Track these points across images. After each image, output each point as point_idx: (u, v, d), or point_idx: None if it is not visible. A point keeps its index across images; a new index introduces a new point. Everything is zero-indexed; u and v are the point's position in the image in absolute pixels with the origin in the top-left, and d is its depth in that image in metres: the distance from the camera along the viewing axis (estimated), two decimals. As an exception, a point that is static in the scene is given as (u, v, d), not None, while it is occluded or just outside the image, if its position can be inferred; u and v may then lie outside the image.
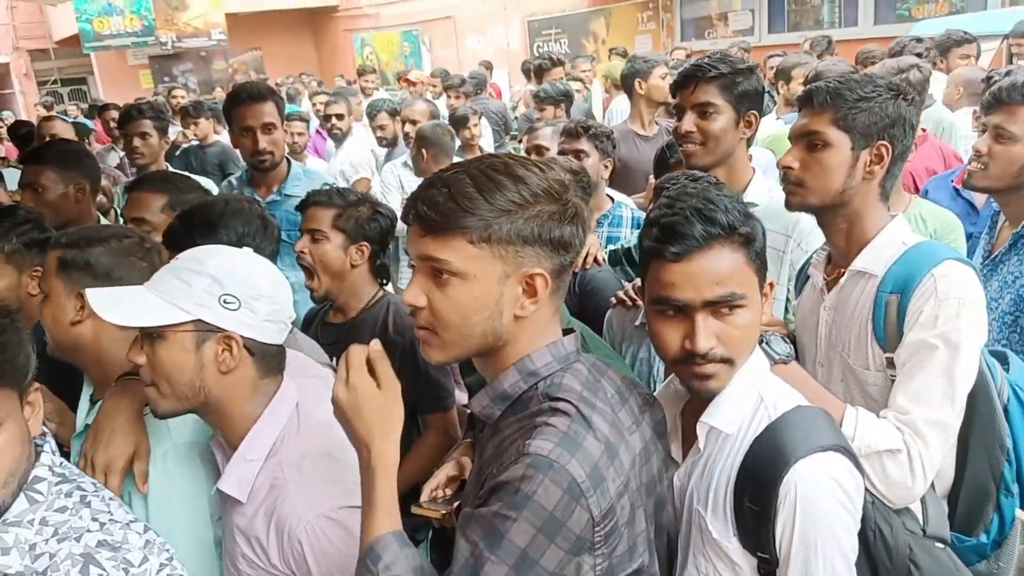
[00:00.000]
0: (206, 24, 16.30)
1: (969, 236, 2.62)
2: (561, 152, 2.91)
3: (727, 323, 1.26)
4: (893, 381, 1.53)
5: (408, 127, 4.86)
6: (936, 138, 3.64)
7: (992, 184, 2.24)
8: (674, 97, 2.21)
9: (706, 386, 1.29)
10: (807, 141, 1.62)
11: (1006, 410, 1.63)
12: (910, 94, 1.65)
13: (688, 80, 2.15)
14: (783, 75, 4.69)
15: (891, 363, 1.53)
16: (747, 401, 1.30)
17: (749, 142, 2.22)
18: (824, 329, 1.66)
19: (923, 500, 1.49)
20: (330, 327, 2.38)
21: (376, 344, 1.21)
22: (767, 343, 1.50)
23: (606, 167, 2.97)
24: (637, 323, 2.12)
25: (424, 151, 4.21)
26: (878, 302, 1.54)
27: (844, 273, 1.62)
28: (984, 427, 1.60)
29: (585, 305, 2.43)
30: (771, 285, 1.35)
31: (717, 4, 11.66)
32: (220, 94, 9.70)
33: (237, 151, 3.61)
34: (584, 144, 2.91)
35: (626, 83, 4.30)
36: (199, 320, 1.34)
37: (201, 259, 1.39)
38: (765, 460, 1.23)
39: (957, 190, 2.96)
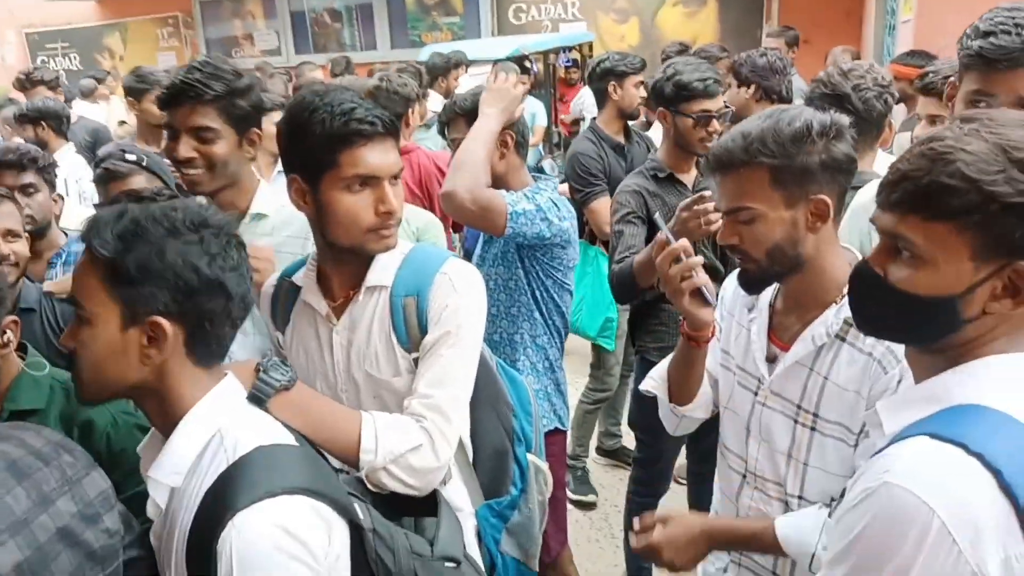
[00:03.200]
0: None
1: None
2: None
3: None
4: None
5: None
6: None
7: None
8: (163, 111, 2.00)
9: None
10: None
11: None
12: None
13: (180, 99, 1.94)
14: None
15: (417, 363, 1.56)
16: (199, 445, 1.18)
17: (254, 158, 2.14)
18: (341, 353, 1.61)
19: (438, 521, 1.46)
20: None
21: None
22: (264, 371, 1.38)
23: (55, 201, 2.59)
24: None
25: None
26: (395, 307, 1.56)
27: (353, 294, 1.60)
28: (488, 390, 1.73)
29: None
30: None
31: (241, 24, 11.50)
32: None
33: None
34: (31, 177, 2.54)
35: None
36: None
37: None
38: (207, 516, 1.10)
39: None
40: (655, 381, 1.80)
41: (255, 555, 1.05)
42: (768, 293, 1.61)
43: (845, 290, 1.46)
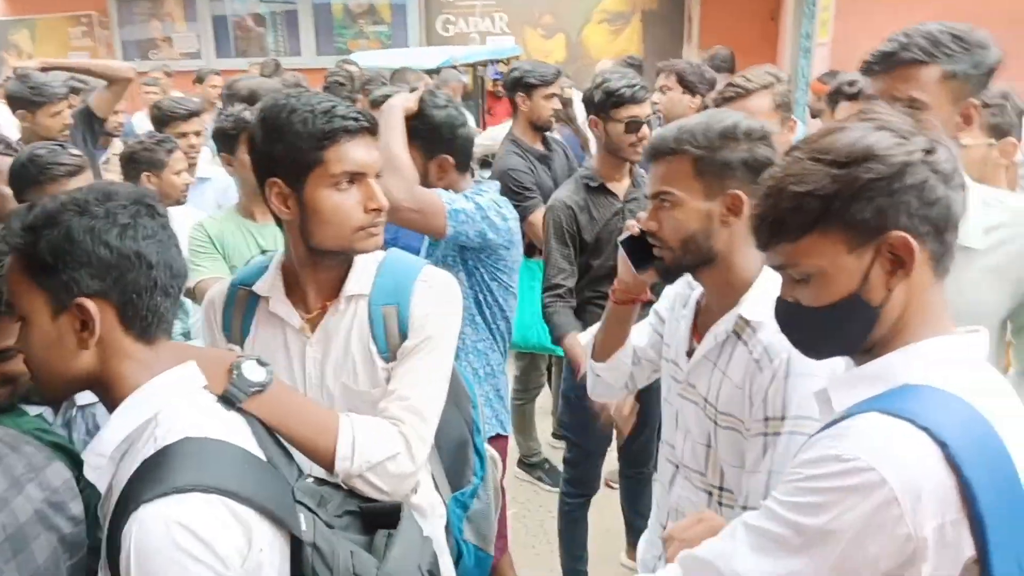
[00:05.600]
0: None
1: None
2: None
3: None
4: None
5: None
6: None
7: None
8: None
9: None
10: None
11: None
12: None
13: None
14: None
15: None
16: (128, 427, 1.14)
17: None
18: (314, 367, 1.57)
19: (392, 540, 1.33)
20: None
21: None
22: (237, 373, 1.29)
23: None
24: None
25: None
26: (374, 317, 1.53)
27: (330, 304, 1.56)
28: (453, 385, 1.71)
29: None
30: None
31: (160, 26, 11.18)
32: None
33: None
34: None
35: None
36: None
37: None
38: (122, 505, 1.07)
39: None
40: (588, 336, 1.96)
41: (152, 551, 1.01)
42: (700, 290, 1.70)
43: (750, 290, 1.56)
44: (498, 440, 2.52)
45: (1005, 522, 0.95)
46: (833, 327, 1.09)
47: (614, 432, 3.02)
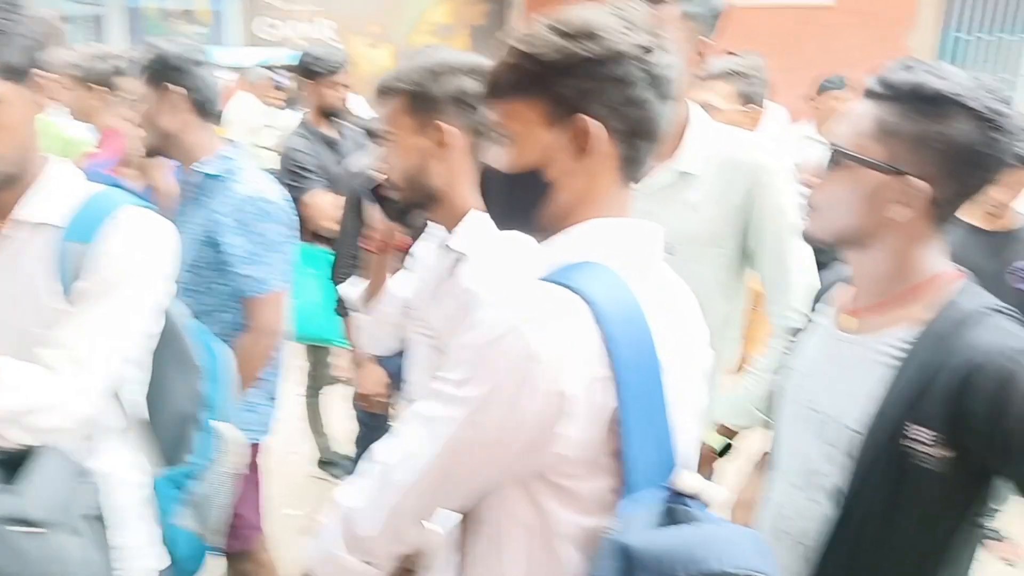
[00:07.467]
0: None
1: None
2: None
3: None
4: None
5: None
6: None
7: None
8: None
9: None
10: None
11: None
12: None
13: None
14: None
15: None
16: None
17: None
18: None
19: (26, 475, 1.25)
20: None
21: None
22: None
23: None
24: None
25: None
26: (63, 253, 1.38)
27: (4, 225, 1.39)
28: (176, 353, 1.61)
29: None
30: None
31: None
32: None
33: None
34: None
35: None
36: None
37: None
38: None
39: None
40: (356, 291, 1.93)
41: None
42: None
43: (460, 223, 1.57)
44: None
45: (640, 386, 0.96)
46: (513, 196, 1.07)
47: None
